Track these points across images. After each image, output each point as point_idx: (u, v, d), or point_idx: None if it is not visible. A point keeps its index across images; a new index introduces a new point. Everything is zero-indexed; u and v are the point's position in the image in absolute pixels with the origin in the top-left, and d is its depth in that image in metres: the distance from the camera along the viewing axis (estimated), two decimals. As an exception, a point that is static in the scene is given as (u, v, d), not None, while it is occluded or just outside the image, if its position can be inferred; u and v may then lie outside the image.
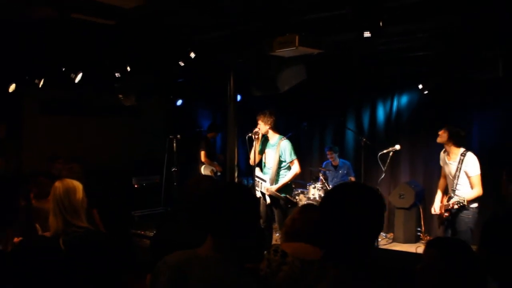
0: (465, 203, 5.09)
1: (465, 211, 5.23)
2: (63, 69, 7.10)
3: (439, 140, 5.48)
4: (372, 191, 1.68)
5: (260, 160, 6.35)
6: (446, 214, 5.39)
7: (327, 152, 8.32)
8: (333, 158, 8.27)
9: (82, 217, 3.01)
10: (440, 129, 5.51)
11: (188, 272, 1.95)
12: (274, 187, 6.00)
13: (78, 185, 3.08)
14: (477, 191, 5.20)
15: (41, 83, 7.24)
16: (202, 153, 8.70)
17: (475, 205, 5.26)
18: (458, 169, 5.27)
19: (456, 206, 5.17)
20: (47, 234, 3.03)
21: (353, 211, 1.60)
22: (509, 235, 2.69)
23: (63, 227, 2.92)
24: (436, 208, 5.60)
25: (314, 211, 3.02)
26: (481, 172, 5.26)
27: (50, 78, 7.33)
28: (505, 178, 4.40)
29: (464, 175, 5.28)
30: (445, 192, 5.63)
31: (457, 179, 5.29)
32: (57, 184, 3.04)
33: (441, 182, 5.71)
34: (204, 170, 8.70)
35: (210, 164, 8.72)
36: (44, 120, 8.85)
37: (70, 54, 6.87)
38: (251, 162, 6.26)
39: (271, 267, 2.75)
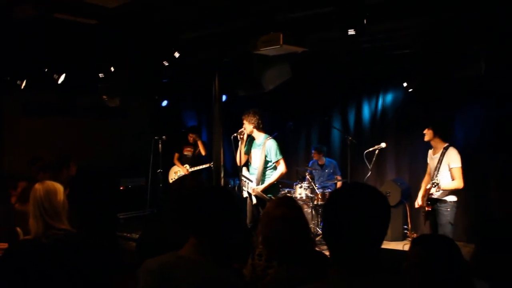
0: (438, 183, 5.23)
1: (444, 205, 5.39)
2: (46, 70, 7.00)
3: (426, 138, 5.63)
4: (378, 192, 1.65)
5: (247, 160, 6.33)
6: (428, 208, 5.51)
7: (313, 152, 8.31)
8: (319, 158, 8.27)
9: (63, 219, 2.95)
10: (424, 128, 5.66)
11: (170, 275, 1.90)
12: (260, 187, 5.97)
13: (59, 187, 3.01)
14: (457, 183, 5.33)
15: (23, 84, 7.12)
16: (175, 155, 8.67)
17: (453, 199, 5.41)
18: (440, 161, 5.44)
19: (433, 189, 5.29)
20: (28, 237, 2.97)
21: (361, 213, 1.57)
22: (504, 236, 2.72)
23: (43, 230, 2.87)
24: (418, 201, 5.76)
25: (292, 207, 2.92)
26: (463, 167, 5.40)
27: (33, 79, 7.21)
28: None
29: (444, 167, 5.42)
30: None
31: (438, 171, 5.44)
32: (37, 186, 2.98)
33: (426, 178, 5.85)
34: (170, 172, 8.68)
35: (178, 166, 8.59)
36: (27, 122, 8.72)
37: (52, 55, 6.77)
38: (238, 162, 6.23)
39: (256, 272, 2.71)
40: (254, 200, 6.03)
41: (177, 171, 8.54)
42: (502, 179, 2.89)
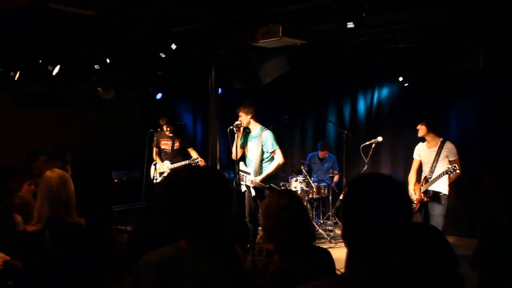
0: (457, 169, 5.43)
1: (439, 197, 5.64)
2: (40, 61, 6.91)
3: (420, 134, 5.77)
4: (400, 184, 1.55)
5: (243, 154, 6.30)
6: (427, 199, 5.70)
7: (320, 147, 8.24)
8: (326, 155, 8.25)
9: (73, 212, 2.90)
10: (417, 124, 5.80)
11: (174, 269, 1.84)
12: (259, 178, 5.96)
13: (69, 177, 2.97)
14: (459, 172, 5.58)
15: (17, 75, 7.02)
16: (154, 150, 7.82)
17: (446, 192, 5.65)
18: (438, 153, 5.64)
19: (448, 173, 5.45)
20: (33, 227, 2.92)
21: (376, 206, 1.47)
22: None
23: (52, 221, 2.81)
24: (412, 193, 5.84)
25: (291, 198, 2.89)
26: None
27: (26, 70, 7.12)
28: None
29: (443, 160, 5.61)
30: (418, 181, 5.93)
31: (436, 163, 5.64)
32: (50, 174, 2.89)
33: (411, 175, 5.99)
34: (152, 169, 7.72)
35: (158, 163, 7.74)
36: (20, 114, 8.63)
37: (47, 46, 6.69)
38: (233, 156, 6.21)
39: (257, 268, 2.69)
40: (253, 193, 6.01)
41: (159, 169, 7.76)
42: (496, 176, 2.91)
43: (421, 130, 5.72)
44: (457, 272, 2.29)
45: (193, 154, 7.78)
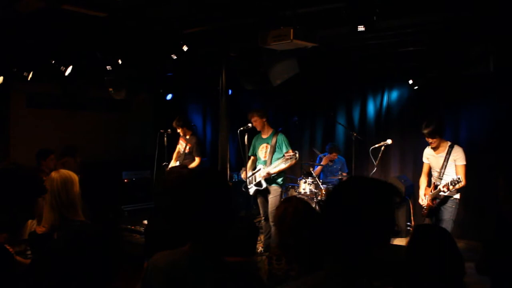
0: (461, 180, 5.20)
1: (449, 201, 5.48)
2: (53, 62, 6.99)
3: (434, 145, 5.51)
4: (381, 186, 1.56)
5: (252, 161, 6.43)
6: (434, 202, 5.58)
7: (328, 150, 8.23)
8: (336, 157, 8.26)
9: (78, 211, 2.93)
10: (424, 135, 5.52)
11: (181, 273, 1.85)
12: (272, 169, 6.08)
13: (75, 177, 2.98)
14: (463, 181, 5.34)
15: (30, 76, 7.11)
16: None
17: (458, 196, 5.49)
18: (446, 159, 5.47)
19: (452, 187, 5.24)
20: (41, 228, 2.96)
21: (354, 207, 1.49)
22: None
23: (59, 222, 2.86)
24: (423, 198, 5.74)
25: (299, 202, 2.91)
26: (467, 166, 5.43)
27: (39, 71, 7.21)
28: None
29: (451, 165, 5.46)
30: (428, 185, 5.81)
31: (444, 169, 5.48)
32: (54, 175, 2.92)
33: (422, 178, 5.88)
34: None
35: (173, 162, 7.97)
36: (32, 114, 8.73)
37: (60, 47, 6.77)
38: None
39: (277, 276, 2.68)
40: (264, 184, 6.07)
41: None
42: (509, 179, 2.91)
43: (435, 142, 5.44)
44: (463, 274, 2.32)
45: (192, 164, 7.76)
